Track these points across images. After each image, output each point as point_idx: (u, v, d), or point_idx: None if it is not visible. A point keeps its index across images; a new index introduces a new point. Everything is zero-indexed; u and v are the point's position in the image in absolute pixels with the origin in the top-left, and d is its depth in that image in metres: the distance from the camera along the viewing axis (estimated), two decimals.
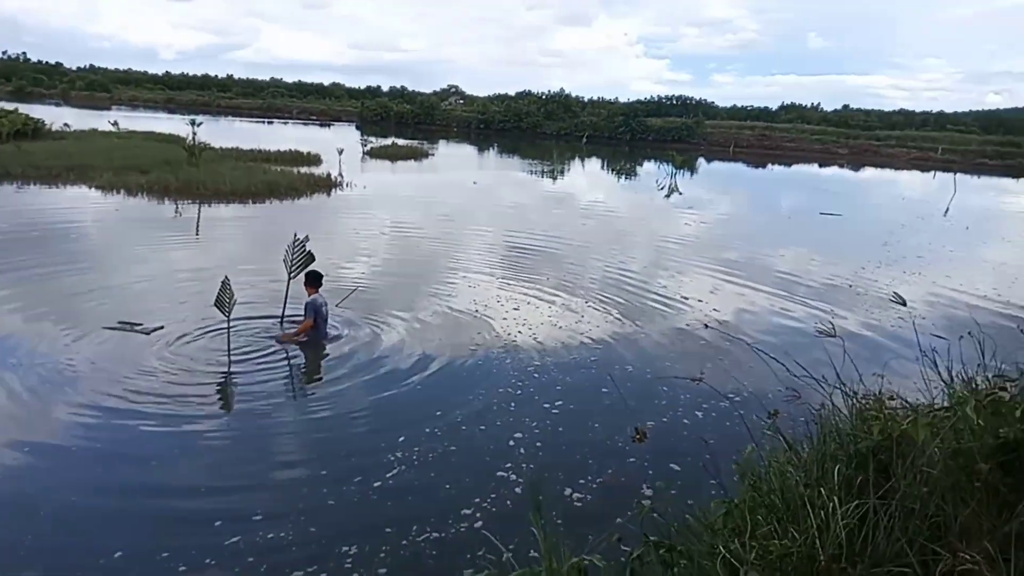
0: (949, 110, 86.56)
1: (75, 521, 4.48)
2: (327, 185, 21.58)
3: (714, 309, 10.05)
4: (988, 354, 3.66)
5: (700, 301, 10.46)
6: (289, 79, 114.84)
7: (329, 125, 69.20)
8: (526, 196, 24.83)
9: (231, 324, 7.20)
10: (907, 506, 2.54)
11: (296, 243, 7.98)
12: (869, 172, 47.38)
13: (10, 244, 11.71)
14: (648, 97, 78.58)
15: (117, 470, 5.13)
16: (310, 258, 8.00)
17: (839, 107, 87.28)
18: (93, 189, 18.29)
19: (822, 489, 2.60)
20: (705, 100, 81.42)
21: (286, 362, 7.29)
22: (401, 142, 42.41)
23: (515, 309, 9.50)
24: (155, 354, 7.13)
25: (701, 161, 48.10)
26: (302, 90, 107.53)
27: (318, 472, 5.12)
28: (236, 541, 4.26)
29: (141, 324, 7.88)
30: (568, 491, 4.99)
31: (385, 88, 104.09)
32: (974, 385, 3.51)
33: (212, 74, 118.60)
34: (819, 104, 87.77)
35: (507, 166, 39.35)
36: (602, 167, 42.58)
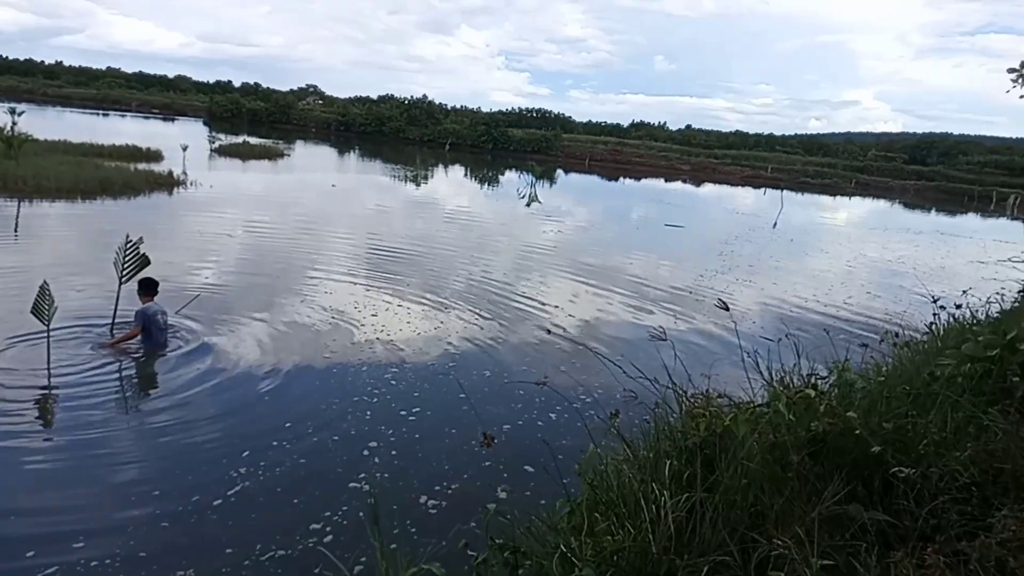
0: (778, 133, 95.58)
1: None
2: (169, 183, 20.11)
3: (569, 315, 10.42)
4: (803, 354, 4.08)
5: (556, 307, 10.80)
6: (129, 69, 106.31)
7: (174, 120, 64.63)
8: (389, 200, 24.48)
9: (51, 334, 6.50)
10: (729, 497, 2.75)
11: (128, 245, 7.36)
12: (708, 188, 51.17)
13: None
14: (509, 108, 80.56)
15: None
16: (145, 262, 7.41)
17: (683, 127, 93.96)
18: None
19: (655, 484, 2.76)
20: (563, 114, 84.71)
21: (117, 375, 6.68)
22: (254, 140, 40.41)
23: (373, 315, 9.32)
24: None
25: (559, 172, 49.76)
26: (143, 81, 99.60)
27: (150, 492, 4.73)
28: (53, 572, 3.84)
29: None
30: (423, 499, 4.95)
31: (237, 83, 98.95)
32: (789, 382, 3.89)
33: (37, 59, 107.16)
34: (665, 123, 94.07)
35: (369, 169, 38.62)
36: (465, 174, 42.89)
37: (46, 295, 6.26)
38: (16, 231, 12.84)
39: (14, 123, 20.14)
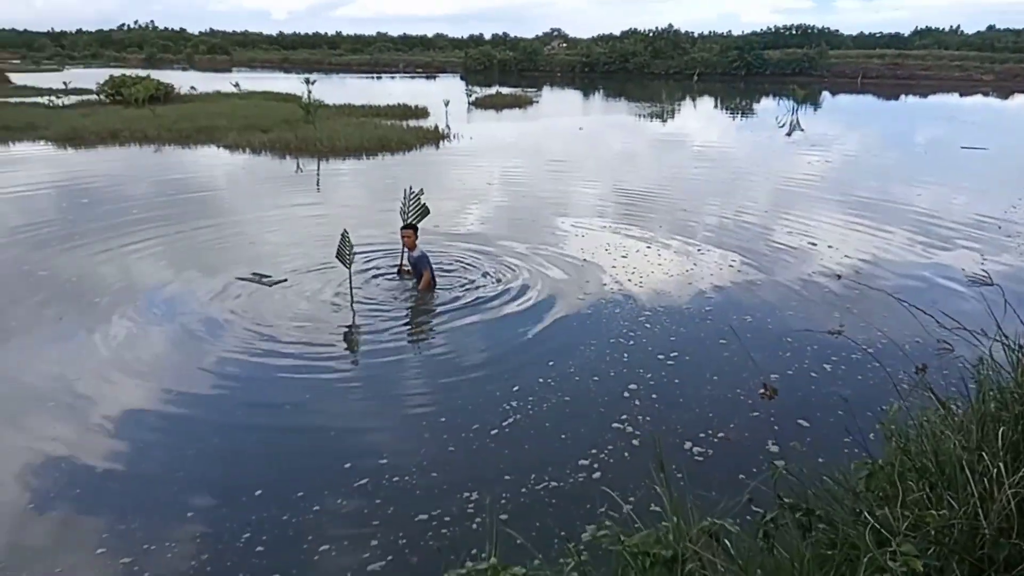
0: None
1: (216, 461, 4.82)
2: (435, 138, 21.84)
3: (845, 256, 9.38)
4: None
5: (829, 247, 9.79)
6: (394, 33, 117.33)
7: (434, 77, 69.66)
8: (634, 140, 24.10)
9: (352, 275, 7.46)
10: None
11: (411, 196, 8.10)
12: (1020, 99, 42.42)
13: (154, 200, 12.68)
14: (764, 28, 73.95)
15: (254, 414, 5.47)
16: (425, 211, 8.12)
17: (983, 28, 78.43)
18: (221, 148, 19.48)
19: (983, 454, 2.34)
20: (828, 28, 75.95)
21: (405, 310, 7.51)
22: (505, 90, 42.12)
23: (624, 257, 9.28)
24: (284, 304, 7.52)
25: (825, 95, 44.80)
26: (407, 43, 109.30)
27: (438, 419, 5.25)
28: (364, 483, 4.44)
29: (269, 276, 8.32)
30: (688, 445, 4.85)
31: (488, 36, 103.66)
32: None
33: (322, 32, 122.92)
34: (959, 27, 79.45)
35: (613, 110, 38.28)
36: (715, 106, 40.58)
37: (346, 242, 7.17)
38: (318, 186, 14.96)
39: (309, 91, 23.20)
